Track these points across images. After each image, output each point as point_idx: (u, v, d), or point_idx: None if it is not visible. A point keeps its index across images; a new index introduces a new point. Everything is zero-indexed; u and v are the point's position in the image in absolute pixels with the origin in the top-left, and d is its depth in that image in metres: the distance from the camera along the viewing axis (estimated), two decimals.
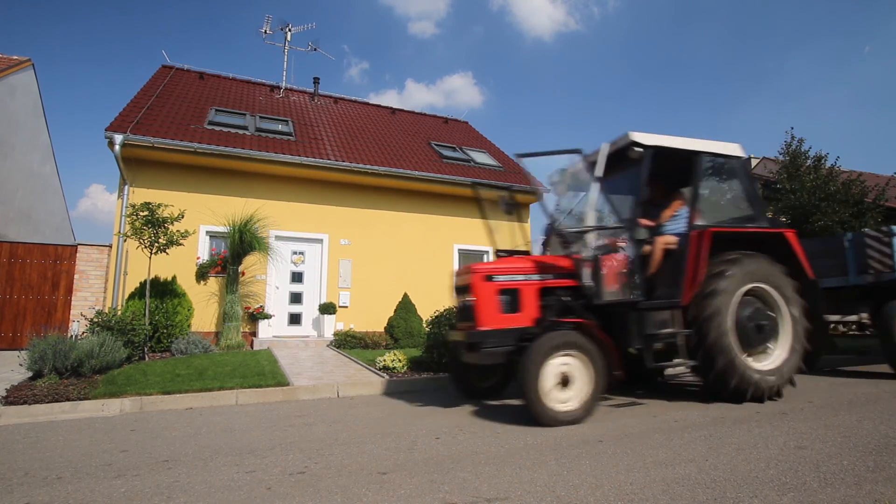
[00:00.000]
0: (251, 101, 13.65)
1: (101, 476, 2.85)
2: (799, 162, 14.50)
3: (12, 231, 13.74)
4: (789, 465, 2.80)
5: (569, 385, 3.96)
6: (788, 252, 5.10)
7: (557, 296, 4.46)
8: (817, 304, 5.29)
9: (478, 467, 2.88)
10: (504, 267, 4.48)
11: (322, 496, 2.47)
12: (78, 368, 5.64)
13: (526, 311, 4.33)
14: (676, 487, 2.50)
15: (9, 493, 2.59)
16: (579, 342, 4.01)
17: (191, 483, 2.70)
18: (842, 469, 2.74)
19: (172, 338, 8.27)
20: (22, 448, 3.54)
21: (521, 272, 4.45)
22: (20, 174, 14.58)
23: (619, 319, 4.53)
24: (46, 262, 9.24)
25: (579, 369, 3.99)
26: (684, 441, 3.36)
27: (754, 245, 4.99)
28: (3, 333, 8.87)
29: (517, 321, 4.27)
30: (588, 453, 3.13)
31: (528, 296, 4.37)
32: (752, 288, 4.77)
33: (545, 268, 4.55)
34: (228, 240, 9.48)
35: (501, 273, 4.39)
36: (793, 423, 3.87)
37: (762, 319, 4.75)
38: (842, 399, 4.87)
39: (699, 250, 4.60)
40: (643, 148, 4.67)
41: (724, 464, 2.85)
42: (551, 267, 4.58)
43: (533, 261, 4.67)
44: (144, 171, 9.68)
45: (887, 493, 2.39)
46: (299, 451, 3.23)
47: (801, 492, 2.42)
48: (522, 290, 4.37)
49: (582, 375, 3.99)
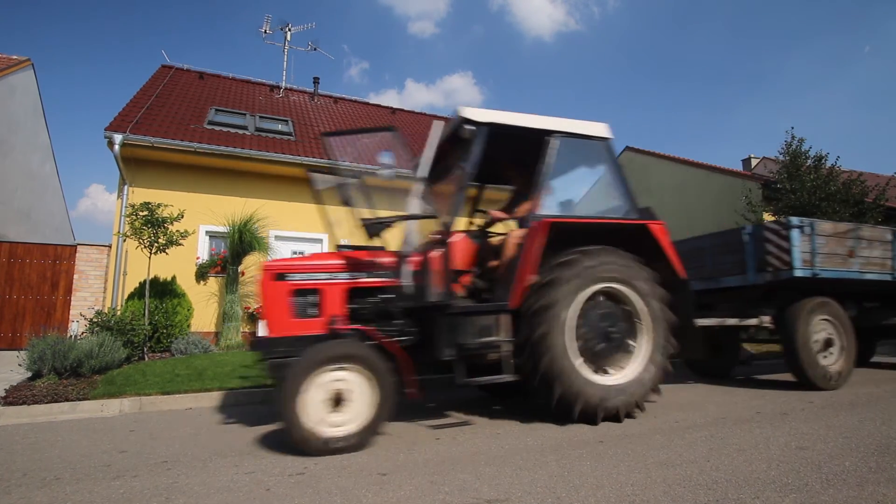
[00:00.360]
0: (251, 101, 13.64)
1: (99, 477, 2.84)
2: (799, 162, 14.50)
3: (12, 231, 13.72)
4: (791, 466, 2.79)
5: (343, 405, 3.29)
6: (657, 247, 4.38)
7: (374, 298, 3.87)
8: (688, 308, 4.57)
9: (478, 468, 2.86)
10: (303, 264, 3.89)
11: (322, 497, 2.45)
12: (77, 369, 5.62)
13: (329, 315, 3.73)
14: (678, 488, 2.48)
15: (7, 495, 2.58)
16: (359, 354, 3.34)
17: (189, 484, 2.69)
18: (844, 470, 2.72)
19: (172, 338, 8.26)
20: (21, 449, 3.52)
21: (325, 270, 3.86)
22: (20, 174, 14.59)
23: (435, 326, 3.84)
24: (46, 262, 9.24)
25: (359, 386, 3.32)
26: (685, 442, 3.35)
27: (618, 241, 4.23)
28: (3, 333, 8.88)
29: (314, 327, 3.69)
30: (589, 454, 3.11)
31: (332, 298, 3.79)
32: (603, 289, 4.08)
33: (360, 265, 3.94)
34: (228, 240, 9.47)
35: (298, 271, 3.80)
36: (794, 423, 3.86)
37: (612, 327, 4.07)
38: (843, 399, 4.86)
39: (533, 245, 3.95)
40: (475, 125, 4.07)
41: (726, 465, 2.84)
42: (369, 264, 3.97)
43: (345, 257, 3.99)
44: (144, 171, 9.68)
45: (890, 494, 2.38)
46: (299, 451, 3.22)
47: (803, 493, 2.40)
48: (325, 290, 3.79)
49: (362, 394, 3.32)
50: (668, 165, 20.18)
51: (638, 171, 21.35)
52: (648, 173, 20.76)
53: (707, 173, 18.48)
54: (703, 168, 18.89)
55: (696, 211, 18.31)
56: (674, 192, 19.39)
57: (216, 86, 14.10)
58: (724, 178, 17.71)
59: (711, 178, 18.16)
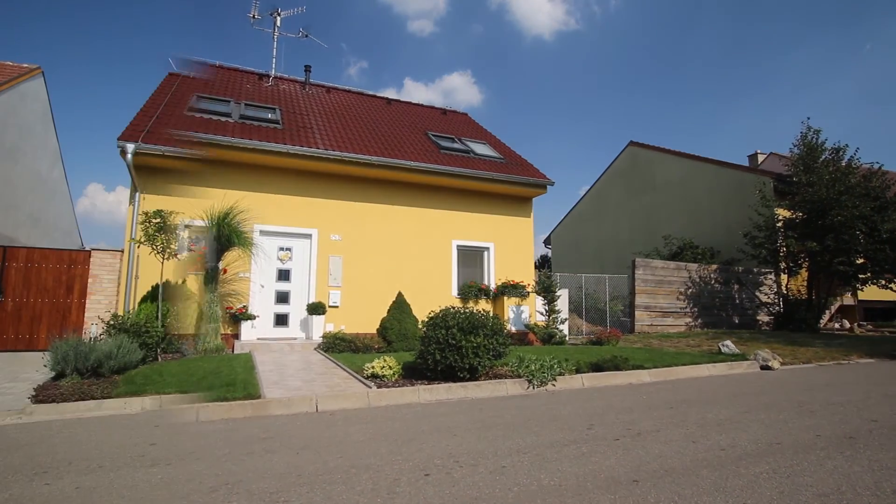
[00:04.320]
0: (237, 89, 12.89)
1: (137, 465, 3.03)
2: (816, 155, 13.80)
3: (22, 235, 13.80)
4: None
5: None
6: None
7: None
8: None
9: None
10: None
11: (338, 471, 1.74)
12: (97, 369, 5.77)
13: None
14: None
15: (59, 479, 2.80)
16: None
17: (219, 472, 2.04)
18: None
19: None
20: (59, 441, 3.68)
21: None
22: (30, 179, 14.89)
23: None
24: (61, 266, 9.38)
25: None
26: (744, 483, 2.61)
27: None
28: (21, 335, 8.99)
29: None
30: (622, 500, 2.38)
31: None
32: None
33: None
34: (207, 234, 8.75)
35: None
36: (868, 451, 3.13)
37: None
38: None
39: None
40: None
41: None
42: None
43: None
44: (155, 179, 9.35)
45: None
46: (246, 496, 2.48)
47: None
48: None
49: None
50: (673, 160, 19.42)
51: (642, 166, 20.62)
52: (653, 169, 20.01)
53: (715, 168, 17.73)
54: (710, 163, 18.13)
55: (703, 207, 17.56)
56: (680, 187, 18.64)
57: (210, 76, 13.33)
58: (734, 173, 16.97)
59: (720, 173, 17.41)
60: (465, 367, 5.70)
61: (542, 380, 5.92)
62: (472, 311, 6.19)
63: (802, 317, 13.36)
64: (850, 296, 16.41)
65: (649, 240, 17.87)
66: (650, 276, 13.49)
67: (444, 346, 5.72)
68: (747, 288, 14.74)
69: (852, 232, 12.41)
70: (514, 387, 5.81)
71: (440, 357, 5.71)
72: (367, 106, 14.79)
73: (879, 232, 12.49)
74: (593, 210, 22.78)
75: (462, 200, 11.72)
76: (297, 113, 12.13)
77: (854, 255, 12.74)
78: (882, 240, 12.52)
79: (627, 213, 20.80)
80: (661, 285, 13.61)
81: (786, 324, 13.62)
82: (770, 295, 14.84)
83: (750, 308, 14.79)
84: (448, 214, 11.59)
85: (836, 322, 16.06)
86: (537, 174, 12.37)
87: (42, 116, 15.59)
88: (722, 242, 15.91)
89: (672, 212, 18.72)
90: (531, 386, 5.84)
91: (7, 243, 10.47)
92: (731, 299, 14.56)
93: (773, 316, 14.40)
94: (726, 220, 16.21)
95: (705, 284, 14.25)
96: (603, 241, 21.70)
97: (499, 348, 6.03)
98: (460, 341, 5.67)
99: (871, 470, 2.77)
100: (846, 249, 12.54)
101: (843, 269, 12.74)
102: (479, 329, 5.85)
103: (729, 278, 14.54)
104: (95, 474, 2.88)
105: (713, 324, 13.99)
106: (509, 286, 11.37)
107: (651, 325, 13.16)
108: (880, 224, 12.47)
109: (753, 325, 14.57)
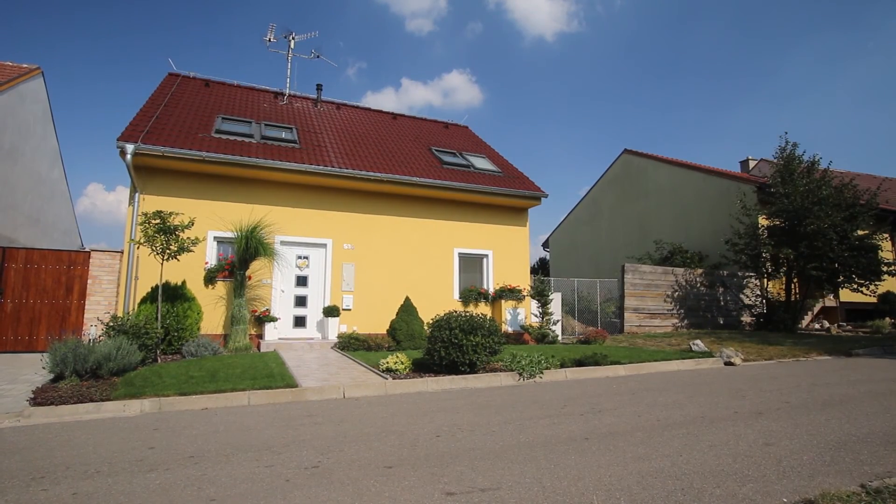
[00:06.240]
0: (256, 109, 13.98)
1: (135, 470, 3.15)
2: (792, 167, 14.80)
3: (21, 235, 14.05)
4: (754, 461, 3.11)
5: None
6: None
7: None
8: None
9: (474, 462, 3.19)
10: None
11: (335, 486, 2.78)
12: (97, 371, 5.91)
13: None
14: (649, 478, 2.81)
15: (56, 485, 2.90)
16: None
17: (217, 475, 3.02)
18: (801, 464, 3.05)
19: (183, 341, 8.61)
20: (57, 445, 3.82)
21: None
22: (29, 179, 14.98)
23: None
24: (60, 267, 9.57)
25: None
26: (663, 439, 3.67)
27: None
28: (20, 337, 9.21)
29: None
30: (574, 449, 3.44)
31: None
32: None
33: None
34: (236, 245, 9.81)
35: None
36: (766, 422, 4.18)
37: None
38: (818, 399, 5.18)
39: None
40: None
41: (696, 459, 3.16)
42: None
43: None
44: (154, 179, 10.02)
45: (835, 483, 2.70)
46: (312, 447, 3.55)
47: (759, 482, 2.73)
48: None
49: None
50: (665, 168, 20.49)
51: (635, 173, 21.70)
52: (646, 176, 21.08)
53: (704, 176, 18.79)
54: (700, 171, 19.19)
55: (692, 213, 18.63)
56: (671, 194, 19.71)
57: (222, 93, 14.44)
58: (721, 181, 18.02)
59: (708, 180, 18.47)
60: (466, 362, 6.75)
61: (531, 373, 6.97)
62: (471, 314, 7.24)
63: (781, 318, 14.39)
64: (833, 297, 17.39)
65: (642, 244, 18.94)
66: (639, 280, 14.52)
67: (447, 345, 6.78)
68: (731, 290, 15.77)
69: (825, 239, 13.40)
70: (507, 379, 6.86)
71: (444, 353, 6.77)
72: (374, 121, 15.88)
73: (850, 239, 13.52)
74: (589, 215, 23.85)
75: (463, 211, 12.79)
76: (311, 131, 13.22)
77: (826, 261, 13.72)
78: (853, 246, 13.56)
79: (621, 218, 21.85)
80: (649, 289, 14.65)
81: (766, 324, 14.65)
82: (752, 297, 15.86)
83: (734, 310, 15.82)
84: (450, 224, 12.67)
85: (817, 322, 17.07)
86: (532, 186, 13.44)
87: (42, 117, 15.74)
88: (710, 247, 16.95)
89: (663, 217, 19.77)
90: (521, 378, 6.89)
91: (6, 244, 10.58)
92: (716, 301, 15.59)
93: (755, 317, 15.41)
94: (713, 226, 17.24)
95: (691, 287, 15.27)
96: (598, 244, 22.78)
97: (494, 346, 7.09)
98: (462, 340, 6.73)
99: (760, 432, 3.82)
100: (819, 255, 13.53)
101: (817, 273, 13.74)
102: (477, 330, 6.91)
103: (714, 281, 15.56)
104: (93, 479, 2.93)
105: (699, 325, 15.02)
106: (507, 290, 12.43)
107: (640, 326, 14.20)
108: (850, 232, 13.50)
109: (737, 326, 15.58)
